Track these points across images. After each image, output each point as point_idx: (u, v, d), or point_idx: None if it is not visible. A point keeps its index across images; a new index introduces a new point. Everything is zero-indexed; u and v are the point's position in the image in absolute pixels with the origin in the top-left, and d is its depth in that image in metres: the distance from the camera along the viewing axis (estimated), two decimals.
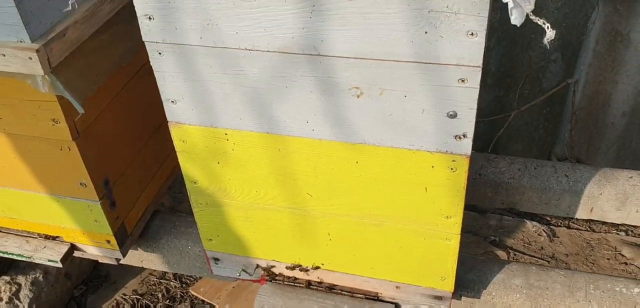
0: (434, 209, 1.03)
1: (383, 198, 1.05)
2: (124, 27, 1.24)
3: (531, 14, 0.77)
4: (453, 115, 0.92)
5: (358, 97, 0.95)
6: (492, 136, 2.29)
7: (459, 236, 1.06)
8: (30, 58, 1.04)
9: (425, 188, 1.01)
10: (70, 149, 1.17)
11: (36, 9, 1.06)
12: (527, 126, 2.26)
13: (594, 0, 1.89)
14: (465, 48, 0.85)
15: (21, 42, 1.05)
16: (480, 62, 0.86)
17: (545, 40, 0.78)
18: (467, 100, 0.90)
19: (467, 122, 0.92)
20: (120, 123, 1.30)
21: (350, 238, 1.14)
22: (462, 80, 0.88)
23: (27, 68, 1.05)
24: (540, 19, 0.78)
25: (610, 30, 1.91)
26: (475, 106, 0.90)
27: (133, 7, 0.95)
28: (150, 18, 0.96)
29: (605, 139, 2.15)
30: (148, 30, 0.98)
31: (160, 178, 1.49)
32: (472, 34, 0.83)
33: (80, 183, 1.23)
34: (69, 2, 0.92)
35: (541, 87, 2.14)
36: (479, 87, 0.88)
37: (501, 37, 1.99)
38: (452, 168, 0.97)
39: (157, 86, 1.05)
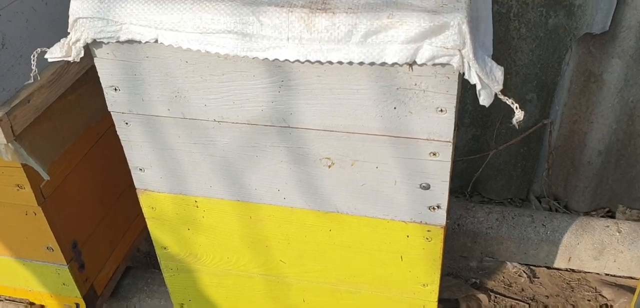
0: (411, 277, 1.02)
1: (358, 267, 1.03)
2: (92, 86, 1.22)
3: (500, 93, 0.77)
4: (426, 187, 0.91)
5: (329, 167, 0.93)
6: (470, 175, 2.29)
7: (436, 303, 1.05)
8: None
9: (401, 257, 0.99)
10: (36, 214, 1.14)
11: None
12: (505, 165, 2.26)
13: (568, 42, 1.91)
14: (435, 123, 0.84)
15: None
16: (450, 137, 0.85)
17: (514, 121, 0.78)
18: (439, 173, 0.89)
19: (441, 194, 0.91)
20: (89, 183, 1.27)
21: (326, 305, 1.12)
22: (434, 154, 0.87)
23: None
24: (509, 98, 0.78)
25: (584, 71, 1.93)
26: (448, 178, 0.89)
27: None
28: (116, 89, 0.94)
29: (582, 177, 2.16)
30: (114, 101, 0.95)
31: (133, 235, 1.45)
32: (441, 110, 0.82)
33: (47, 248, 1.19)
34: (31, 74, 0.89)
35: (518, 127, 2.14)
36: (451, 160, 0.88)
37: None
38: (427, 239, 0.96)
39: None
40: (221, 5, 0.80)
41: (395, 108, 0.84)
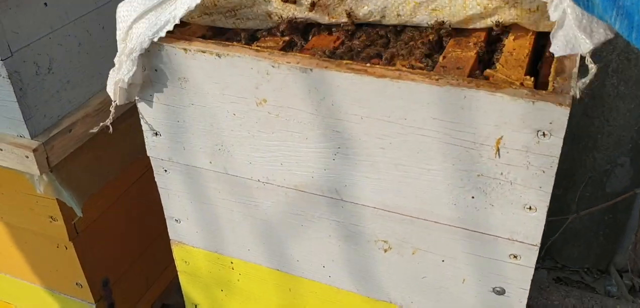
0: None
1: None
2: None
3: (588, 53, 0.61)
4: (500, 292, 0.75)
5: (385, 251, 0.79)
6: (545, 237, 2.06)
7: None
8: (27, 156, 0.94)
9: None
10: (66, 248, 1.07)
11: (41, 103, 0.97)
12: (585, 231, 2.02)
13: None
14: (521, 222, 0.68)
15: (21, 136, 0.96)
16: (538, 241, 0.69)
17: (580, 83, 0.60)
18: (519, 279, 0.73)
19: (517, 302, 0.75)
20: (128, 219, 1.19)
21: None
22: (515, 257, 0.71)
23: (24, 166, 0.96)
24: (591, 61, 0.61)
25: None
26: (528, 286, 0.73)
27: None
28: (157, 134, 0.85)
29: None
30: (154, 146, 0.86)
31: (173, 271, 1.36)
32: (530, 208, 0.67)
33: (77, 284, 1.12)
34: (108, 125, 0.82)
35: (604, 192, 1.91)
36: (534, 266, 0.71)
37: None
38: None
39: None
40: None
41: (473, 197, 0.69)
